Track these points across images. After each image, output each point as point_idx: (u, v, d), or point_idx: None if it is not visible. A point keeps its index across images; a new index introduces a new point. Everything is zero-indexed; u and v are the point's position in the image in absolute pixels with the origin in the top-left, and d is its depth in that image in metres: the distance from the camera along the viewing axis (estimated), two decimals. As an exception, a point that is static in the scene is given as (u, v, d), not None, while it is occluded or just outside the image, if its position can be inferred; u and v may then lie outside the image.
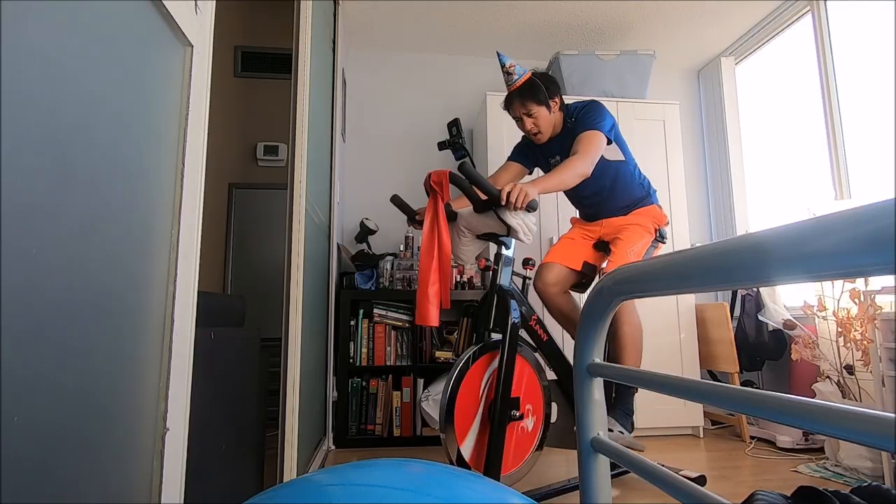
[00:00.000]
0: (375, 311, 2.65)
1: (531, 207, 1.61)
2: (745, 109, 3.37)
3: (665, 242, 2.05)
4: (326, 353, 2.41)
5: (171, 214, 0.72)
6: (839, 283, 2.23)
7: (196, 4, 0.77)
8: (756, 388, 1.50)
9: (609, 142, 1.88)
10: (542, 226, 2.76)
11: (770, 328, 2.66)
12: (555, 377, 1.89)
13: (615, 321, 1.87)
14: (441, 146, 2.39)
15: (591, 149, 1.78)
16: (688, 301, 2.79)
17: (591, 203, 2.04)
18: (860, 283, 2.13)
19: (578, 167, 1.73)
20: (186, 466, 0.74)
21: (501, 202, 1.58)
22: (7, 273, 0.41)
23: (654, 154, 2.91)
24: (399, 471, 0.56)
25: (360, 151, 3.24)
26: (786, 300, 2.68)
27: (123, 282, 0.59)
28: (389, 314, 2.66)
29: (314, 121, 1.91)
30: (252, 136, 3.16)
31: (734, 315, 2.87)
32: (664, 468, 0.59)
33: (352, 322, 2.61)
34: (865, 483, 0.84)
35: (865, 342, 2.06)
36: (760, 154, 3.27)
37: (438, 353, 2.59)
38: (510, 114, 1.96)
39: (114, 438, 0.58)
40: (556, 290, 1.93)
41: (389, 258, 2.78)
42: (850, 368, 2.20)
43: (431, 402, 2.36)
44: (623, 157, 1.97)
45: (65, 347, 0.49)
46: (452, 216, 1.77)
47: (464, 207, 1.79)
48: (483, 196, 1.66)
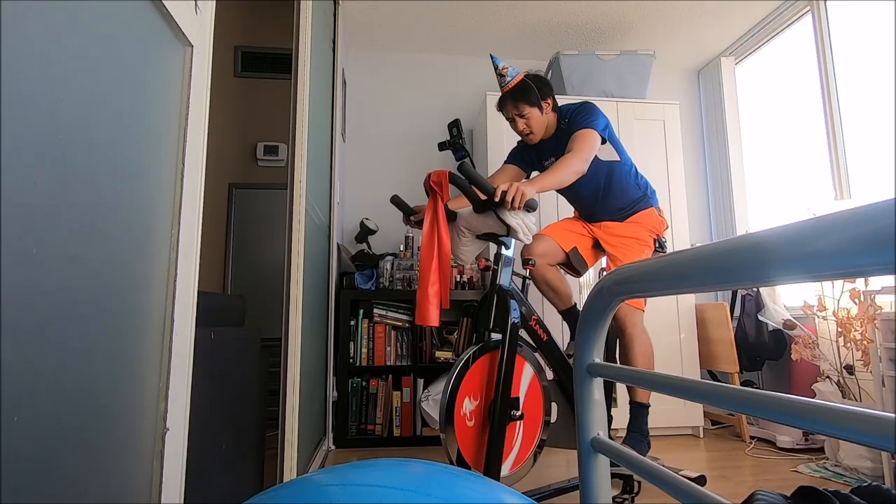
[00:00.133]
0: (375, 311, 2.65)
1: (530, 207, 1.61)
2: (745, 109, 3.37)
3: (665, 252, 2.05)
4: (326, 353, 2.41)
5: (171, 214, 0.72)
6: (839, 283, 2.23)
7: (196, 4, 0.77)
8: (756, 388, 1.50)
9: (603, 141, 1.89)
10: (542, 226, 2.75)
11: (770, 328, 2.66)
12: (555, 377, 1.90)
13: (626, 342, 1.89)
14: (441, 146, 2.39)
15: (586, 146, 1.80)
16: (688, 301, 2.79)
17: (589, 204, 2.05)
18: (860, 283, 2.13)
19: (574, 164, 1.75)
20: (186, 466, 0.74)
21: (496, 199, 1.59)
22: (7, 273, 0.41)
23: (654, 154, 2.91)
24: (399, 471, 0.56)
25: (360, 151, 3.24)
26: (786, 300, 2.68)
27: (123, 282, 0.59)
28: (389, 314, 2.67)
29: (314, 121, 1.91)
30: (252, 136, 3.16)
31: (734, 315, 2.87)
32: (664, 468, 0.59)
33: (352, 322, 2.61)
34: (865, 483, 0.84)
35: (865, 342, 2.06)
36: (760, 154, 3.27)
37: (438, 353, 2.59)
38: (503, 115, 1.99)
39: (114, 438, 0.58)
40: (542, 262, 1.95)
41: (389, 258, 2.78)
42: (850, 368, 2.20)
43: (431, 402, 2.36)
44: (618, 158, 1.98)
45: (65, 347, 0.49)
46: (452, 216, 1.77)
47: (462, 207, 1.79)
48: (483, 196, 1.66)
